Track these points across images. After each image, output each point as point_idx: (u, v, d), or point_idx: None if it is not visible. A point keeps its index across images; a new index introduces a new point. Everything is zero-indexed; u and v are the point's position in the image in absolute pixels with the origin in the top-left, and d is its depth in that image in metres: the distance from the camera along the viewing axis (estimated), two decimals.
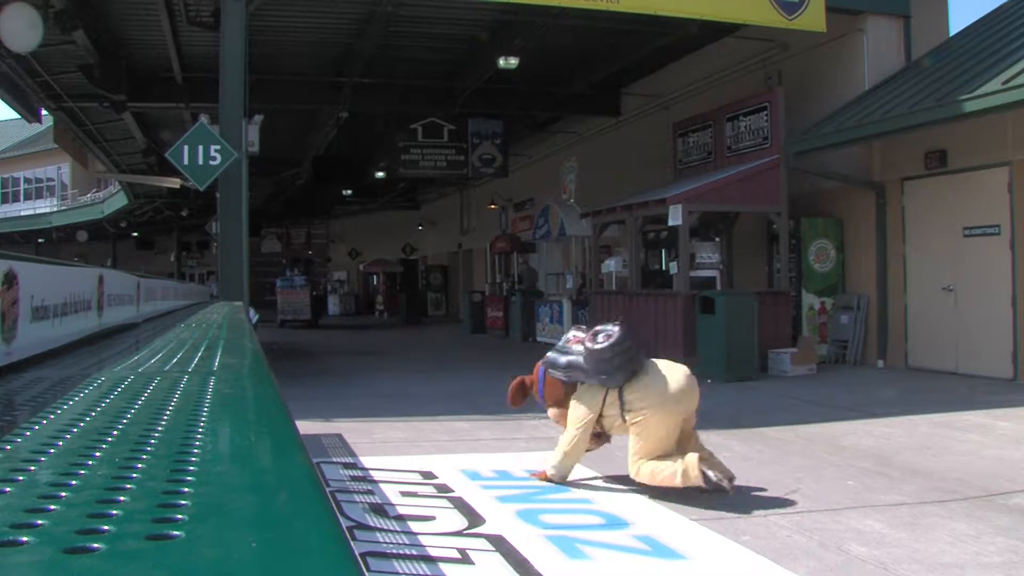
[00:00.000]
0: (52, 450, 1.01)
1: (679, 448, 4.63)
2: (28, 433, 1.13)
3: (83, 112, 15.32)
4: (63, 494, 0.78)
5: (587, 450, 4.91)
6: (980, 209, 9.33)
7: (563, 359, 4.80)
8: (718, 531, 3.96)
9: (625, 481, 4.95)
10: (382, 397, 9.00)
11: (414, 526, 4.06)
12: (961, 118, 8.73)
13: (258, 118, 10.75)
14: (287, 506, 0.76)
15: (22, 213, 38.32)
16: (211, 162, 8.11)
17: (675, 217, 10.78)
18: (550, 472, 4.82)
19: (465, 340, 18.42)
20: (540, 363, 5.02)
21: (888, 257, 10.57)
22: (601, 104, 15.86)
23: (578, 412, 4.75)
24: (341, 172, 20.59)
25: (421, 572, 3.43)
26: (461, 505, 4.44)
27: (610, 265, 13.50)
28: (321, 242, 34.58)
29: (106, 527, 0.66)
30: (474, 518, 4.19)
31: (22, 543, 0.63)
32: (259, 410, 1.45)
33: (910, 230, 10.32)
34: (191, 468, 0.88)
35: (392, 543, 3.84)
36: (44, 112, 15.18)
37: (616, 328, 4.67)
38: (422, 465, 5.25)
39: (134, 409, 1.34)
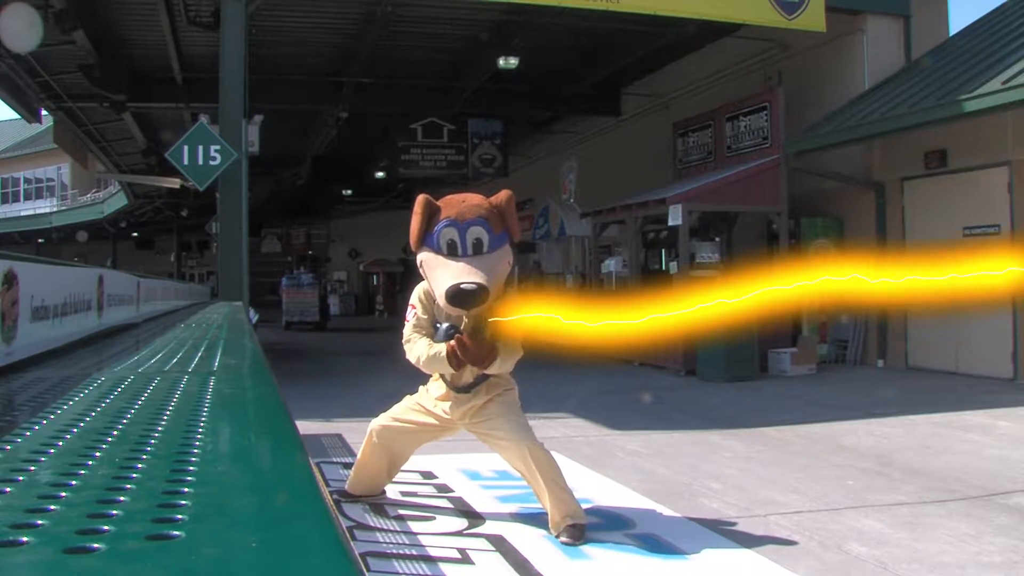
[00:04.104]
0: (52, 450, 1.01)
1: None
2: (28, 433, 1.13)
3: (83, 112, 15.32)
4: (63, 494, 0.78)
5: None
6: (980, 209, 9.33)
7: None
8: (718, 531, 3.96)
9: (625, 481, 4.95)
10: (382, 397, 8.94)
11: (414, 526, 4.06)
12: (961, 118, 8.73)
13: (258, 118, 10.76)
14: (287, 506, 0.76)
15: (22, 213, 38.30)
16: (211, 162, 8.11)
17: (675, 217, 10.78)
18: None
19: None
20: None
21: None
22: (601, 104, 15.86)
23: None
24: (341, 172, 20.58)
25: (421, 572, 3.43)
26: (461, 505, 4.44)
27: (610, 265, 13.49)
28: (321, 242, 34.55)
29: (106, 527, 0.66)
30: (474, 518, 4.19)
31: (22, 543, 0.63)
32: (259, 410, 1.45)
33: (910, 230, 10.32)
34: (191, 468, 0.88)
35: (392, 543, 3.84)
36: (44, 112, 15.17)
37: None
38: (422, 465, 5.25)
39: (134, 409, 1.34)
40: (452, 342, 3.81)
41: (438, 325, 3.95)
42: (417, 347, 3.95)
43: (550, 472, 3.87)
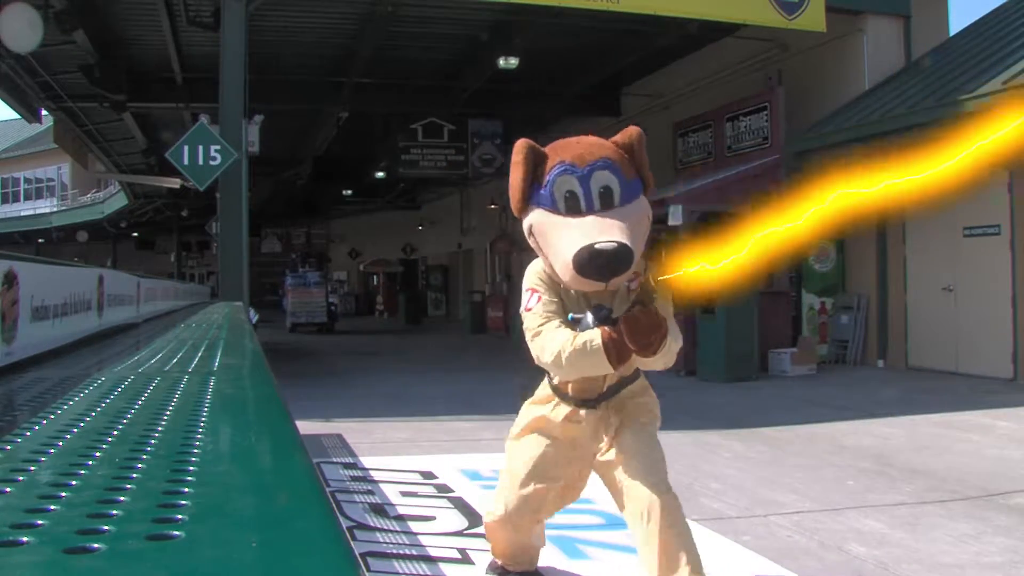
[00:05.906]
0: (52, 450, 1.01)
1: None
2: (28, 433, 1.13)
3: (83, 112, 15.32)
4: (63, 494, 0.78)
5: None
6: (980, 209, 9.33)
7: None
8: (718, 531, 3.96)
9: None
10: (382, 397, 9.00)
11: (414, 526, 4.06)
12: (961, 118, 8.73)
13: (258, 118, 10.73)
14: (287, 506, 0.76)
15: (22, 213, 38.35)
16: (211, 162, 8.11)
17: (675, 217, 10.77)
18: None
19: (465, 340, 18.42)
20: None
21: (888, 257, 10.57)
22: (601, 104, 15.86)
23: None
24: (341, 172, 20.58)
25: (421, 572, 3.43)
26: (461, 505, 4.43)
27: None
28: (321, 242, 34.53)
29: (106, 527, 0.66)
30: (474, 518, 4.18)
31: (22, 543, 0.63)
32: (259, 410, 1.45)
33: (910, 230, 10.31)
34: (191, 468, 0.88)
35: (392, 543, 3.84)
36: (44, 112, 15.17)
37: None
38: (422, 465, 5.25)
39: (134, 409, 1.34)
40: (609, 328, 2.55)
41: (574, 317, 2.70)
42: (554, 339, 2.63)
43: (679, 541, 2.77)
